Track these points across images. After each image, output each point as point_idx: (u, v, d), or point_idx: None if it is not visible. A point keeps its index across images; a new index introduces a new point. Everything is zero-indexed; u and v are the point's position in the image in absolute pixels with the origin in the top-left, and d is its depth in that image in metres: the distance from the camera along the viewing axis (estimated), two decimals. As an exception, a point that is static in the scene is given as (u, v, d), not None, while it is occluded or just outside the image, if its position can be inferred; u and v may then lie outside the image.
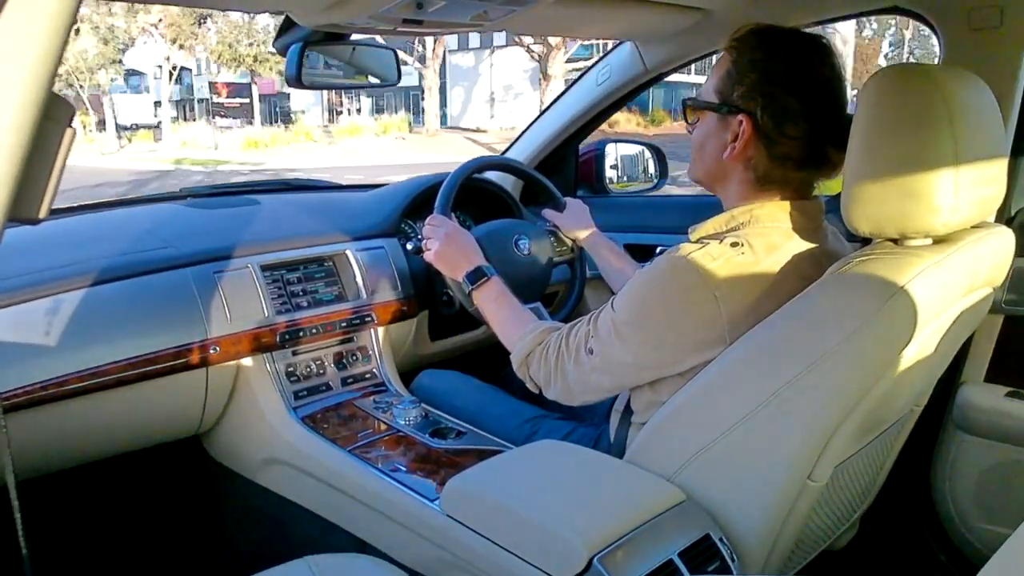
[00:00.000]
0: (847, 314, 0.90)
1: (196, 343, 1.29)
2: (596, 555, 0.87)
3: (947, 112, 0.88)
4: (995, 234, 1.03)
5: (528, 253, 1.55)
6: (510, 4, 1.21)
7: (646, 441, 1.07)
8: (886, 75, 0.93)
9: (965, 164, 0.88)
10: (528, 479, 1.04)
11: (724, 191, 1.10)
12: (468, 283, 1.30)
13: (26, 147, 0.45)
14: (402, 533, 1.14)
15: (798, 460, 0.96)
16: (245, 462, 1.44)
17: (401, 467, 1.21)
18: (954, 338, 1.08)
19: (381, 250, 1.59)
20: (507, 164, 1.81)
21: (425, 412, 1.36)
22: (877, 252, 0.92)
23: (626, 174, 2.24)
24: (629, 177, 2.24)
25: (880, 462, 1.24)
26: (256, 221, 1.58)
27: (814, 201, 1.07)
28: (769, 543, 1.00)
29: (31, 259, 1.25)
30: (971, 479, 1.45)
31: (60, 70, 0.45)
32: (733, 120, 1.03)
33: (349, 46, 1.42)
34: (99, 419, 1.26)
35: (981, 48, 1.32)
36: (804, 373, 0.91)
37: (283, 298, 1.43)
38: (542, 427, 1.32)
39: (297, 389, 1.42)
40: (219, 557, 1.55)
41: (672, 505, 0.97)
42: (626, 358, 1.04)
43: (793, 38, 1.03)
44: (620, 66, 1.88)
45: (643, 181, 2.23)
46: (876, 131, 0.91)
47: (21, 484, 0.80)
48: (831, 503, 1.12)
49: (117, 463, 1.38)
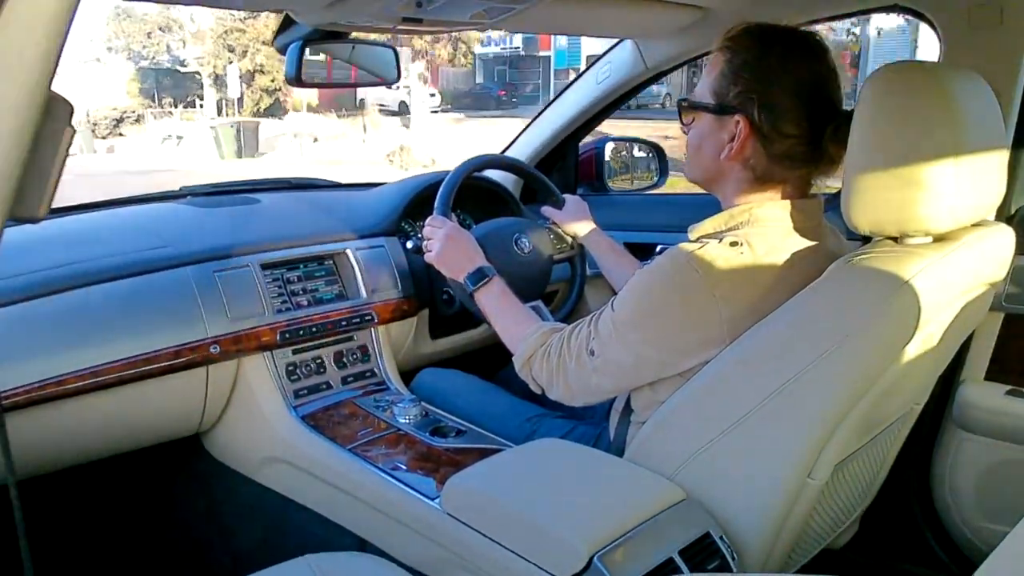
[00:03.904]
0: (847, 312, 0.90)
1: (196, 342, 1.29)
2: (596, 553, 0.87)
3: (947, 110, 0.88)
4: (995, 232, 1.03)
5: (528, 252, 1.54)
6: (510, 3, 1.21)
7: (646, 440, 1.07)
8: (886, 73, 0.93)
9: (965, 162, 0.88)
10: (528, 478, 1.04)
11: (722, 191, 1.09)
12: (470, 284, 1.30)
13: (26, 147, 0.45)
14: (402, 532, 1.14)
15: (798, 458, 0.96)
16: (245, 461, 1.44)
17: (401, 466, 1.21)
18: (954, 336, 1.08)
19: (381, 249, 1.59)
20: (507, 162, 1.81)
21: (425, 411, 1.36)
22: (877, 250, 0.92)
23: (626, 172, 2.23)
24: (629, 175, 2.24)
25: (880, 460, 1.24)
26: (256, 220, 1.58)
27: (813, 199, 1.07)
28: (769, 541, 1.00)
29: (31, 258, 1.25)
30: (971, 477, 1.45)
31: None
32: (729, 121, 1.03)
33: (349, 45, 1.42)
34: (99, 418, 1.26)
35: (981, 46, 1.32)
36: (804, 371, 0.91)
37: (283, 297, 1.43)
38: (542, 426, 1.32)
39: (297, 388, 1.42)
40: (219, 556, 1.55)
41: (672, 503, 0.97)
42: (627, 358, 1.04)
43: (787, 36, 1.03)
44: (620, 64, 1.88)
45: (643, 179, 2.23)
46: (876, 129, 0.91)
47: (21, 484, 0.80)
48: (831, 501, 1.12)
49: (117, 463, 1.38)
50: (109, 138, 20.36)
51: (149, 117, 21.79)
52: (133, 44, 24.61)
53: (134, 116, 22.08)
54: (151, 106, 22.73)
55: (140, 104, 22.90)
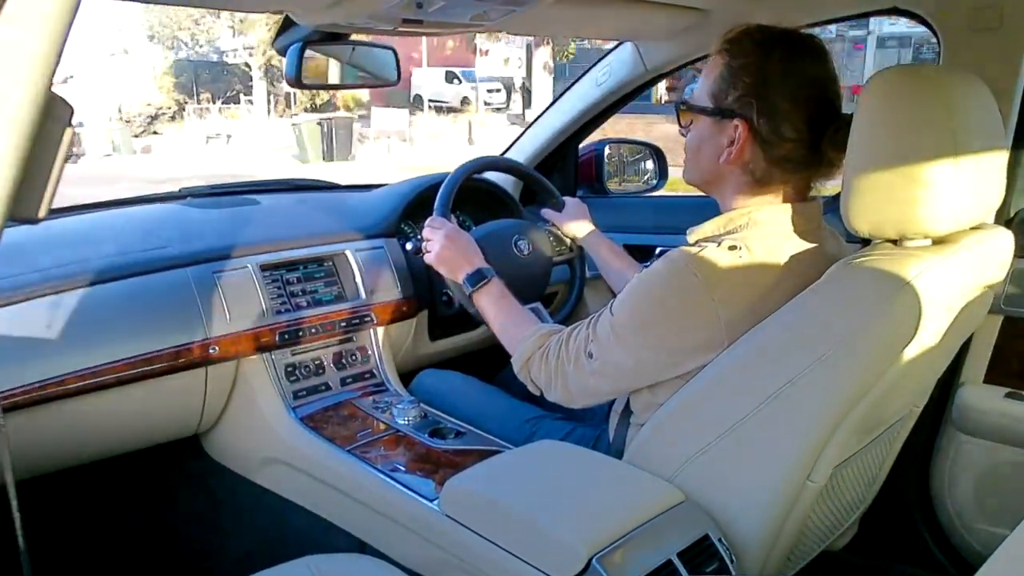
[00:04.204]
0: (846, 315, 0.90)
1: (195, 343, 1.29)
2: (595, 555, 0.87)
3: (947, 113, 0.88)
4: (994, 235, 1.03)
5: (528, 253, 1.54)
6: (510, 4, 1.21)
7: (645, 442, 1.07)
8: (886, 76, 0.93)
9: (964, 165, 0.88)
10: (527, 479, 1.04)
11: (721, 194, 1.09)
12: (469, 285, 1.30)
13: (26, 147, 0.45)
14: (401, 533, 1.14)
15: (797, 461, 0.96)
16: (244, 462, 1.44)
17: (400, 467, 1.21)
18: (953, 339, 1.08)
19: (380, 250, 1.59)
20: (506, 164, 1.81)
21: (424, 412, 1.36)
22: (876, 253, 0.92)
23: (626, 175, 2.23)
24: (629, 177, 2.24)
25: (879, 463, 1.24)
26: (255, 221, 1.58)
27: (812, 202, 1.07)
28: (768, 544, 1.00)
29: (30, 259, 1.24)
30: (970, 480, 1.45)
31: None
32: (729, 124, 1.03)
33: (349, 46, 1.42)
34: (98, 419, 1.26)
35: (981, 49, 1.32)
36: (803, 374, 0.91)
37: (282, 298, 1.43)
38: (541, 427, 1.32)
39: (296, 389, 1.42)
40: (219, 557, 1.55)
41: (671, 505, 0.97)
42: (625, 361, 1.04)
43: (786, 39, 1.03)
44: (620, 66, 1.88)
45: (643, 182, 2.23)
46: (876, 132, 0.91)
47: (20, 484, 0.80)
48: (830, 504, 1.12)
49: (117, 463, 1.38)
50: (143, 136, 18.49)
51: (192, 115, 19.40)
52: (180, 32, 21.26)
53: (170, 112, 20.11)
54: (187, 102, 20.42)
55: (175, 99, 20.59)
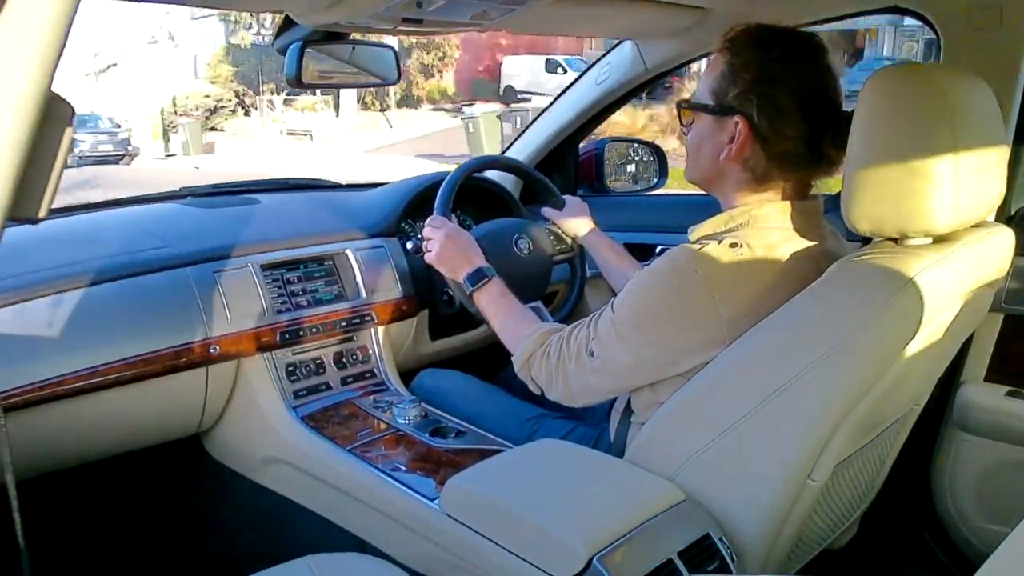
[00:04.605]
0: (846, 314, 0.90)
1: (196, 342, 1.29)
2: (596, 555, 0.87)
3: (947, 111, 0.88)
4: (995, 233, 1.03)
5: (528, 252, 1.54)
6: (510, 3, 1.21)
7: (646, 440, 1.07)
8: (886, 74, 0.93)
9: (965, 163, 0.88)
10: (528, 478, 1.04)
11: (722, 192, 1.10)
12: (469, 284, 1.30)
13: (26, 147, 0.45)
14: (402, 532, 1.14)
15: (798, 459, 0.96)
16: (245, 461, 1.44)
17: (401, 466, 1.21)
18: (954, 337, 1.08)
19: (381, 249, 1.59)
20: (507, 163, 1.81)
21: (425, 411, 1.36)
22: (877, 251, 0.92)
23: (626, 173, 2.23)
24: (629, 175, 2.24)
25: (880, 461, 1.24)
26: (256, 220, 1.58)
27: (813, 200, 1.07)
28: (769, 542, 1.00)
29: (30, 259, 1.24)
30: (971, 478, 1.45)
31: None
32: (729, 122, 1.03)
33: (349, 45, 1.42)
34: (98, 419, 1.26)
35: (981, 48, 1.32)
36: (804, 372, 0.91)
37: (283, 297, 1.43)
38: (542, 426, 1.32)
39: (297, 388, 1.42)
40: (219, 557, 1.55)
41: (672, 504, 0.97)
42: (626, 359, 1.04)
43: (786, 37, 1.03)
44: (620, 65, 1.88)
45: (643, 180, 2.23)
46: (876, 130, 0.91)
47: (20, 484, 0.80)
48: (831, 502, 1.12)
49: (117, 463, 1.38)
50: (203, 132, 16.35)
51: (265, 108, 17.17)
52: (249, 14, 17.73)
53: (230, 106, 17.83)
54: (246, 93, 18.26)
55: (232, 91, 18.29)
